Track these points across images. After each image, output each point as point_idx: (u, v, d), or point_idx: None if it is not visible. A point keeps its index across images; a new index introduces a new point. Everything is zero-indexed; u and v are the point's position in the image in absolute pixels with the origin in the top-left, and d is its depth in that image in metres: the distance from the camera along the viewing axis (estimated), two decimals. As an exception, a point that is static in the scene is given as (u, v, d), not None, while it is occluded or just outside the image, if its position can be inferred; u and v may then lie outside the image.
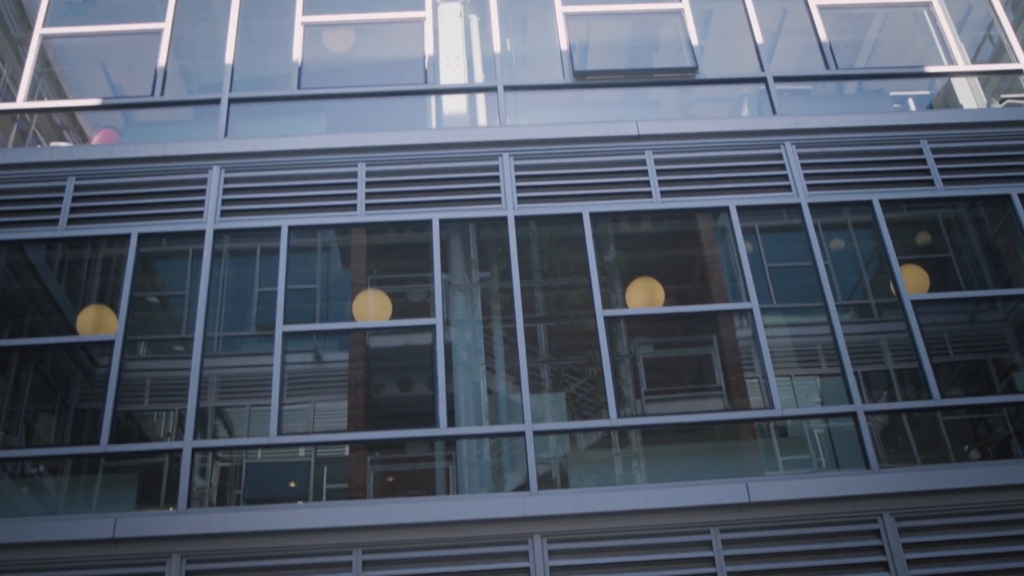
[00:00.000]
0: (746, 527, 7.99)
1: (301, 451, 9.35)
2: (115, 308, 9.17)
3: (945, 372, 9.77)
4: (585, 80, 10.80)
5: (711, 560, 7.85)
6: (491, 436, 9.06)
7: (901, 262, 9.36)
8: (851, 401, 8.57)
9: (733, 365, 9.96)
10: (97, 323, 9.63)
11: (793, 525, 8.01)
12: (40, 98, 10.85)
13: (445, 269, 9.67)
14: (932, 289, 9.79)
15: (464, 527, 7.91)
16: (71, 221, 9.49)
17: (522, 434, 8.39)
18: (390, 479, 9.57)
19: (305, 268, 10.28)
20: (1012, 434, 9.32)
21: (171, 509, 8.10)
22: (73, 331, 9.71)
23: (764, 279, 9.84)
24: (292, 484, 9.32)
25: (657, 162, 9.90)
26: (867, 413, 8.54)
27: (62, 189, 9.65)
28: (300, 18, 10.99)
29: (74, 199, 9.60)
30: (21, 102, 10.52)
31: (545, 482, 8.49)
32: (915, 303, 9.11)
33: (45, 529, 7.90)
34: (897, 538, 7.92)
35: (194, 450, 8.34)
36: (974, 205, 10.33)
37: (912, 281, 9.55)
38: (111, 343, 8.84)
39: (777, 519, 8.01)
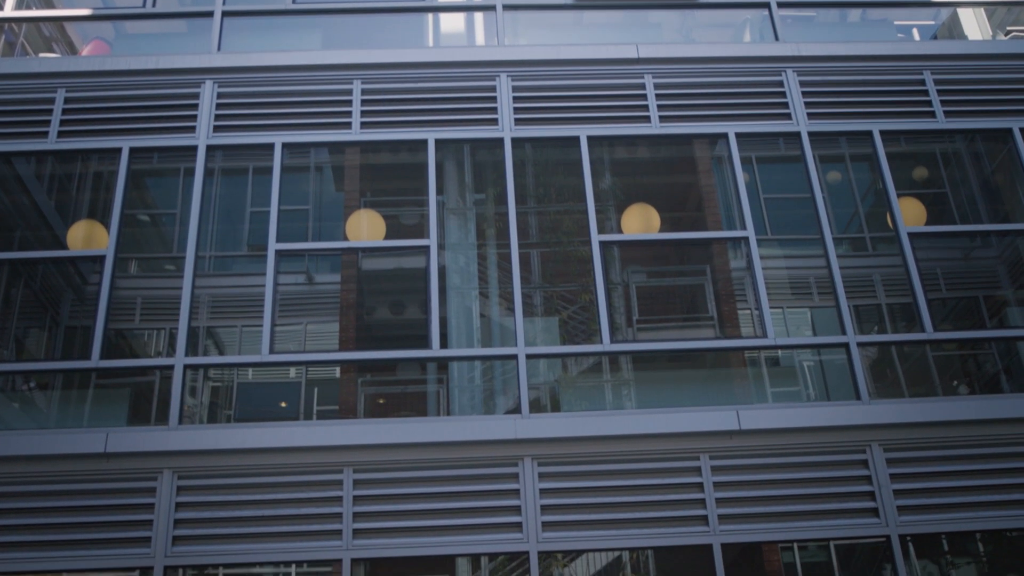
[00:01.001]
0: (735, 454, 8.04)
1: (292, 372, 9.35)
2: (106, 224, 9.07)
3: (937, 308, 9.78)
4: (585, 1, 10.60)
5: (700, 486, 7.91)
6: (484, 359, 9.06)
7: (898, 196, 9.30)
8: (844, 332, 8.57)
9: (726, 295, 9.94)
10: (88, 239, 9.53)
11: (782, 453, 8.07)
12: (28, 7, 10.61)
13: (440, 191, 9.59)
14: (928, 224, 9.74)
15: (455, 448, 7.95)
16: (61, 134, 9.34)
17: (515, 357, 8.38)
18: (381, 401, 9.58)
19: (298, 189, 10.17)
20: (1001, 370, 9.37)
21: (163, 426, 8.10)
22: (63, 247, 9.62)
23: (759, 209, 9.78)
24: (283, 404, 9.34)
25: (656, 86, 9.77)
26: (859, 345, 8.55)
27: (52, 101, 9.48)
28: (296, -69, 10.73)
29: (64, 111, 9.43)
30: (8, 11, 10.29)
31: (536, 407, 8.53)
32: (912, 236, 9.07)
33: (36, 443, 7.91)
34: (884, 469, 7.98)
35: (186, 367, 8.31)
36: (973, 140, 10.25)
37: (909, 214, 9.50)
38: (102, 259, 8.75)
39: (766, 447, 8.06)
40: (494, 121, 9.53)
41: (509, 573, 8.30)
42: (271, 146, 9.29)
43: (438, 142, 9.41)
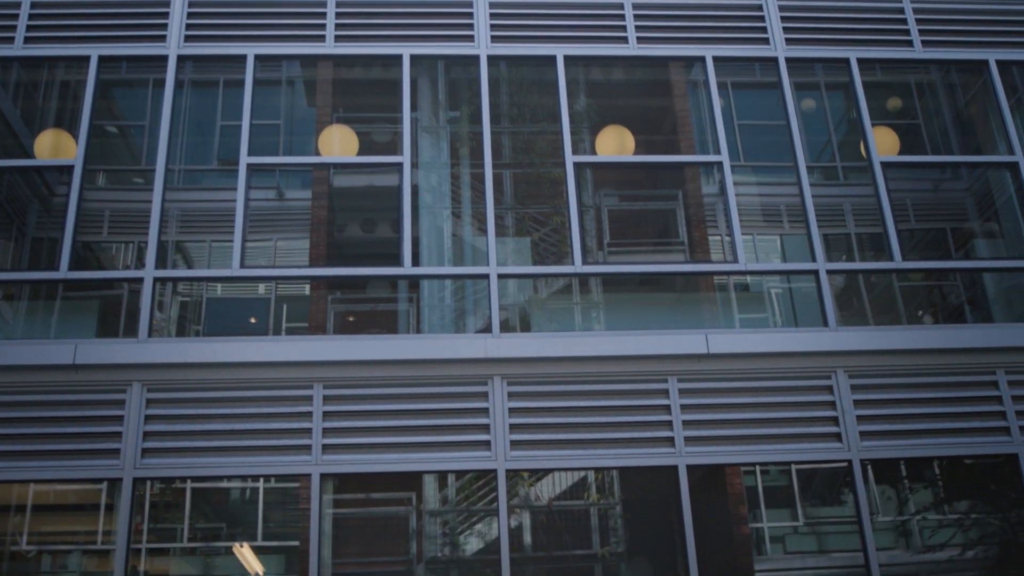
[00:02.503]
0: (703, 377, 8.13)
1: (261, 289, 9.32)
2: (74, 134, 8.90)
3: (905, 239, 9.84)
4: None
5: (667, 408, 8.01)
6: (455, 277, 9.06)
7: (872, 126, 9.30)
8: (814, 259, 8.64)
9: (697, 221, 9.97)
10: (55, 148, 9.35)
11: (749, 378, 8.17)
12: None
13: (413, 108, 9.47)
14: (901, 154, 9.77)
15: (425, 366, 7.98)
16: (28, 40, 9.10)
17: (486, 277, 8.38)
18: (351, 319, 9.58)
19: (269, 103, 10.01)
20: (965, 301, 9.50)
21: (132, 338, 8.06)
22: (30, 156, 9.44)
23: (734, 135, 9.76)
24: (252, 320, 9.31)
25: (635, 7, 9.64)
26: (828, 272, 8.63)
27: (18, 6, 9.22)
28: None
29: (31, 16, 9.18)
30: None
31: (506, 328, 8.56)
32: (884, 165, 9.10)
33: (3, 354, 7.85)
34: (849, 395, 8.12)
35: (155, 280, 8.25)
36: (948, 71, 10.24)
37: (882, 143, 9.52)
38: (70, 169, 8.61)
39: (734, 371, 8.15)
40: (470, 38, 9.39)
41: (475, 491, 8.41)
42: (243, 58, 9.11)
43: (413, 58, 9.27)
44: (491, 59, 9.32)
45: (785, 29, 9.65)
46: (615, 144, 9.98)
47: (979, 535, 8.57)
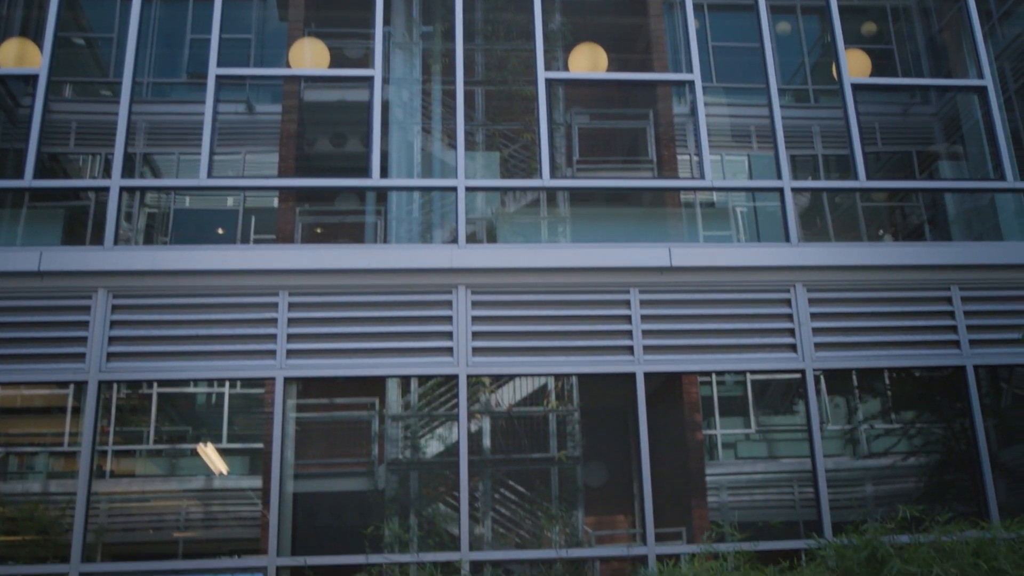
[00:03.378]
0: (665, 289, 8.25)
1: (230, 201, 9.31)
2: (39, 44, 8.80)
3: (871, 162, 9.93)
4: None
5: (627, 319, 8.13)
6: (423, 189, 9.09)
7: (845, 48, 9.32)
8: (780, 177, 8.71)
9: (666, 140, 10.00)
10: (20, 57, 9.26)
11: (710, 290, 8.29)
12: None
13: (386, 23, 9.40)
14: (872, 77, 9.80)
15: (391, 275, 8.05)
16: (-11, -59, 8.97)
17: (454, 189, 8.43)
18: (318, 231, 9.62)
19: (240, 16, 9.90)
20: (925, 221, 9.62)
21: (98, 246, 8.08)
22: (-7, 63, 9.35)
23: (707, 56, 9.75)
24: (220, 231, 9.33)
25: (609, -78, 9.58)
26: (793, 190, 8.71)
27: (-22, -95, 9.07)
28: None
29: (-9, -83, 9.04)
30: None
31: (473, 242, 8.62)
32: (855, 87, 9.14)
33: (-32, 260, 7.87)
34: (806, 308, 8.26)
35: (122, 189, 8.25)
36: (924, -5, 10.25)
37: (855, 65, 9.55)
38: (35, 78, 8.54)
39: (696, 284, 8.27)
40: (441, -52, 9.31)
41: (437, 397, 8.53)
42: (211, -34, 9.00)
43: (384, -32, 9.18)
44: (462, -30, 9.25)
45: (759, -53, 9.61)
46: (588, 62, 9.96)
47: (923, 443, 8.80)
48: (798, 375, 8.20)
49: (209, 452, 8.16)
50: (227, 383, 8.50)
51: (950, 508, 6.63)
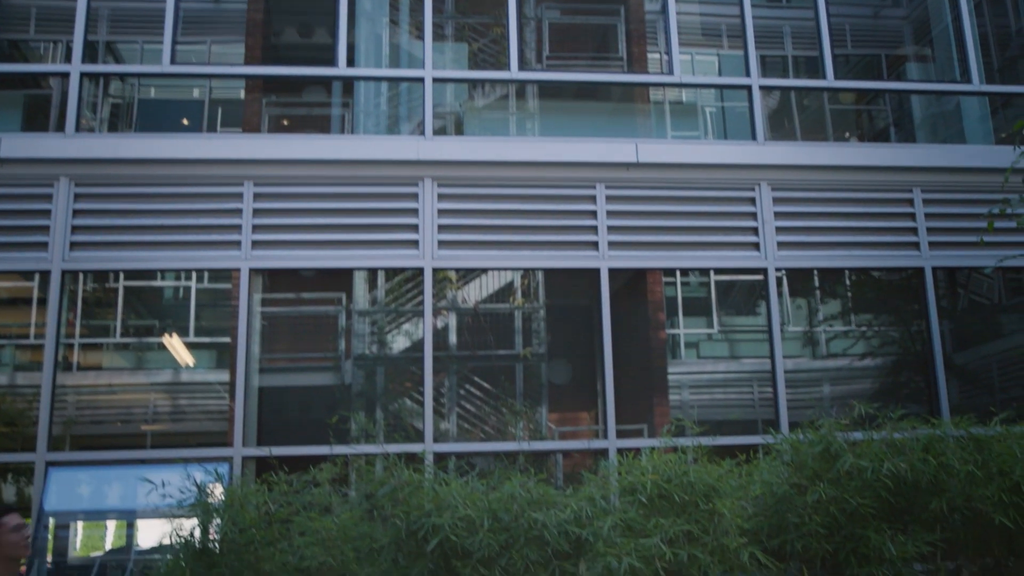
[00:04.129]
0: (631, 185, 8.24)
1: (195, 92, 9.17)
2: (-7, -76, 8.52)
3: (840, 64, 9.91)
4: None
5: (593, 214, 8.14)
6: (390, 80, 8.97)
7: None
8: (748, 74, 8.67)
9: (637, 37, 9.90)
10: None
11: (676, 187, 8.29)
12: None
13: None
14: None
15: (356, 167, 7.99)
16: None
17: (421, 80, 8.32)
18: (285, 123, 9.51)
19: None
20: (891, 123, 9.65)
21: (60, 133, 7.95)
22: (-54, -60, 9.03)
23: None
24: (184, 121, 9.20)
25: None
26: (761, 88, 8.68)
27: None
28: None
29: None
30: None
31: (440, 135, 8.55)
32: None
33: (-74, 148, 7.73)
34: (770, 206, 8.31)
35: (83, 74, 8.08)
36: None
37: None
38: (-11, -43, 8.29)
39: (662, 180, 8.27)
40: None
41: (404, 293, 8.57)
42: None
43: None
44: None
45: None
46: (558, -45, 9.80)
47: (880, 344, 8.97)
48: (760, 276, 8.30)
49: (175, 343, 8.18)
50: (193, 277, 8.47)
51: (904, 408, 6.79)
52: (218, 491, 6.25)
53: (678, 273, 8.88)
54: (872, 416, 6.89)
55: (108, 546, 8.21)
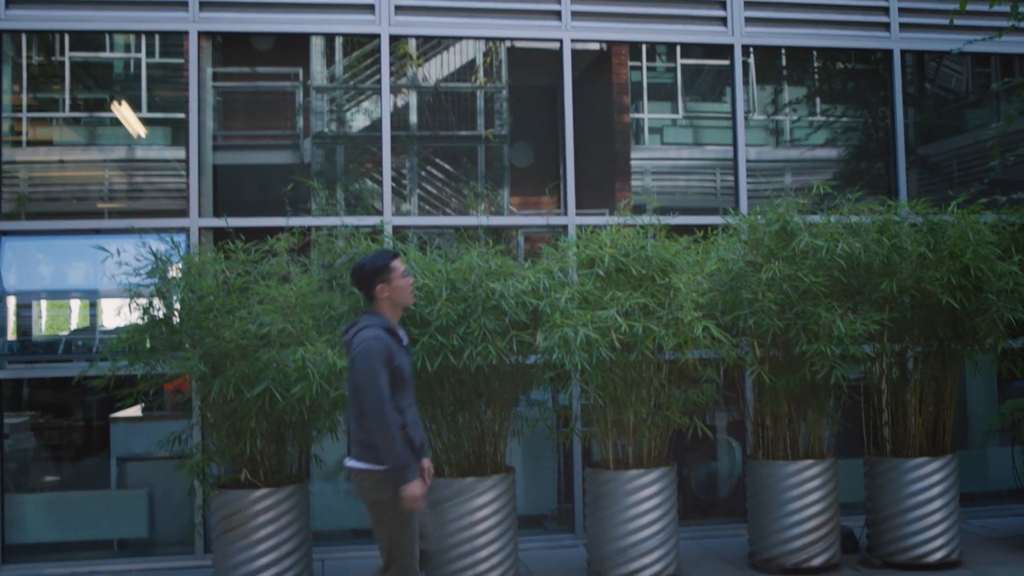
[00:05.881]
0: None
1: None
2: None
3: None
4: None
5: (559, -12, 7.85)
6: None
7: None
8: None
9: None
10: None
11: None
12: None
13: None
14: None
15: None
16: None
17: None
18: None
19: None
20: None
21: None
22: None
23: None
24: None
25: None
26: None
27: None
28: None
29: None
30: None
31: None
32: None
33: None
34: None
35: None
36: None
37: None
38: None
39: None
40: None
41: (363, 69, 8.31)
42: None
43: None
44: None
45: None
46: None
47: (843, 131, 8.92)
48: (727, 61, 8.13)
49: (125, 112, 7.92)
50: (143, 49, 8.10)
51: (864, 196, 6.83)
52: (175, 260, 6.23)
53: (644, 56, 8.65)
54: (831, 197, 6.95)
55: (73, 326, 8.24)
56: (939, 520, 6.55)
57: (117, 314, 7.61)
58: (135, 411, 7.56)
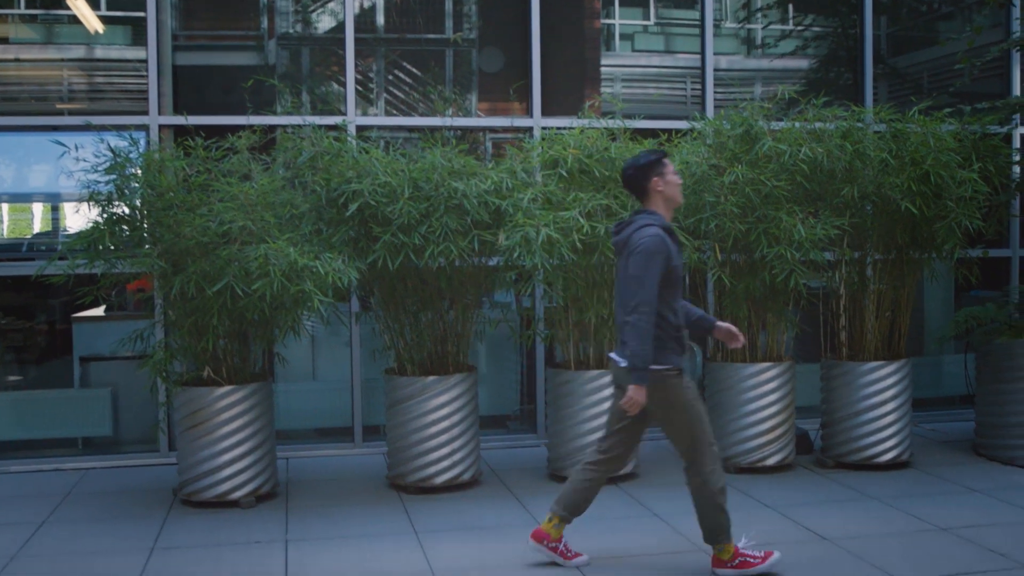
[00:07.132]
0: None
1: None
2: None
3: None
4: None
5: None
6: None
7: None
8: None
9: None
10: None
11: None
12: None
13: None
14: None
15: None
16: None
17: None
18: None
19: None
20: None
21: None
22: None
23: None
24: None
25: None
26: None
27: None
28: None
29: None
30: None
31: None
32: None
33: None
34: None
35: None
36: None
37: None
38: None
39: None
40: None
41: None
42: None
43: None
44: None
45: None
46: None
47: (814, 38, 8.86)
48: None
49: (83, 9, 7.73)
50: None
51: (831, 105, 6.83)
52: (134, 157, 6.14)
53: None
54: (796, 103, 6.94)
55: (36, 229, 8.17)
56: (891, 422, 6.71)
57: (77, 213, 7.53)
58: (98, 311, 7.56)
